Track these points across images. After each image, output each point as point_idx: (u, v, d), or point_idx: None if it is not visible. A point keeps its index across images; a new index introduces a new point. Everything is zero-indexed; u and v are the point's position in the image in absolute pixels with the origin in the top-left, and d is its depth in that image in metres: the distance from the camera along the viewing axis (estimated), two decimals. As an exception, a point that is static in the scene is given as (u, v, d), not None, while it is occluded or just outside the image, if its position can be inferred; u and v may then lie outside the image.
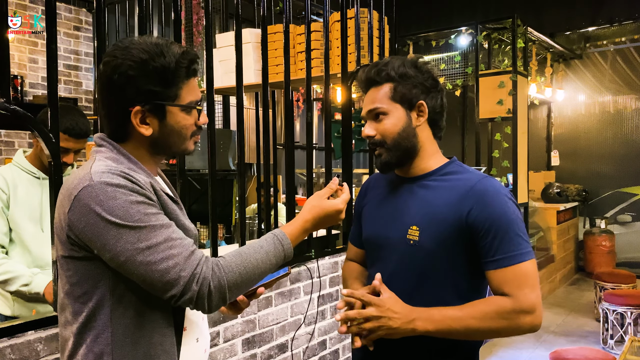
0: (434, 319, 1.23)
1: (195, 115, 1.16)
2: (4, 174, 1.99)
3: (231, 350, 2.22)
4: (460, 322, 1.22)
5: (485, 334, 1.26)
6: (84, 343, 1.07)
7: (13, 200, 1.96)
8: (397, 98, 1.33)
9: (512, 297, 1.21)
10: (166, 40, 1.13)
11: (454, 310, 1.24)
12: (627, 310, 4.04)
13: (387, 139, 1.34)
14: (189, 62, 1.12)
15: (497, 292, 1.24)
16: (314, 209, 1.22)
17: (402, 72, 1.33)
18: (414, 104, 1.34)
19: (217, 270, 1.05)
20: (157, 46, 1.09)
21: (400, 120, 1.34)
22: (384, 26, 3.07)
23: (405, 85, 1.33)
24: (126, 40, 1.12)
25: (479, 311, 1.22)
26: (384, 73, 1.34)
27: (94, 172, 1.04)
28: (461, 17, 6.42)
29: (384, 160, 1.36)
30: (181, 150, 1.18)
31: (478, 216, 1.25)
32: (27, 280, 1.87)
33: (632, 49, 6.68)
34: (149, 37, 1.13)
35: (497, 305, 1.22)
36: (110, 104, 1.11)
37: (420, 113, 1.35)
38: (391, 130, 1.33)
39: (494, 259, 1.24)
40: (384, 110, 1.34)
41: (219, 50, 3.21)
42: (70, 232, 1.04)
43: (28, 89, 4.46)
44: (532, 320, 1.21)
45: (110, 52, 1.10)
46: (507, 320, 1.21)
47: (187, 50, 1.13)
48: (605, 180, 6.85)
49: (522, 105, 5.06)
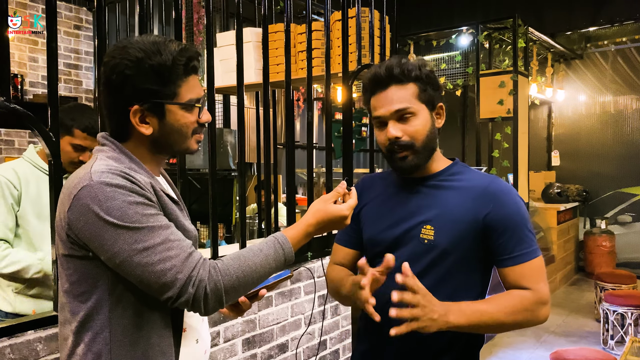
0: (466, 312, 1.23)
1: (197, 113, 1.14)
2: (17, 170, 1.96)
3: (231, 350, 2.21)
4: (490, 316, 1.24)
5: (510, 326, 1.29)
6: (83, 342, 1.07)
7: (25, 197, 1.95)
8: (424, 99, 1.31)
9: (533, 290, 1.27)
10: (165, 38, 1.12)
11: (481, 304, 1.27)
12: (628, 311, 4.03)
13: (417, 141, 1.30)
14: (187, 60, 1.10)
15: (514, 286, 1.29)
16: (318, 212, 1.19)
17: (427, 73, 1.32)
18: (435, 105, 1.34)
19: (214, 273, 1.04)
20: (154, 44, 1.08)
21: (427, 122, 1.32)
22: (385, 25, 3.06)
23: (431, 86, 1.32)
24: (125, 40, 1.12)
25: (505, 304, 1.26)
26: (412, 73, 1.29)
27: (94, 172, 1.03)
28: (462, 16, 6.42)
29: (412, 162, 1.31)
30: (183, 149, 1.16)
31: (495, 216, 1.28)
32: (38, 268, 1.90)
33: (633, 49, 6.67)
34: (148, 36, 1.12)
35: (520, 297, 1.27)
36: (110, 103, 1.11)
37: (438, 115, 1.36)
38: (422, 131, 1.30)
39: (511, 256, 1.28)
40: (413, 110, 1.29)
41: (219, 49, 3.20)
42: (69, 231, 1.04)
43: (28, 88, 4.46)
44: (546, 311, 1.29)
45: (110, 52, 1.10)
46: (529, 312, 1.26)
47: (186, 47, 1.11)
48: (606, 181, 6.84)
49: (523, 105, 5.06)
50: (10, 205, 1.92)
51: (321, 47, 2.81)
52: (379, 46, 3.03)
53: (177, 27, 2.02)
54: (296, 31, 2.95)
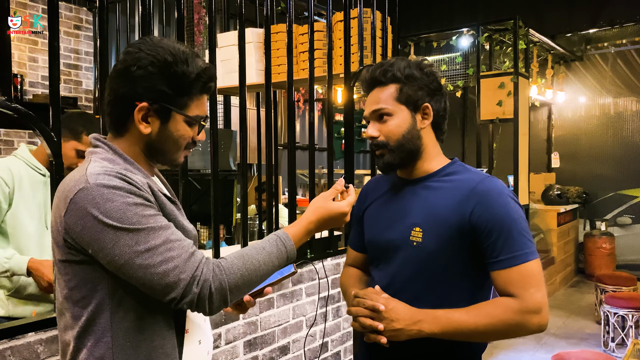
0: (440, 320, 1.22)
1: (195, 130, 1.16)
2: (11, 168, 1.94)
3: (233, 352, 2.20)
4: (466, 324, 1.21)
5: (492, 335, 1.25)
6: (85, 347, 1.05)
7: (17, 196, 1.92)
8: (403, 99, 1.32)
9: (518, 298, 1.20)
10: (193, 51, 1.13)
11: (460, 312, 1.23)
12: (629, 313, 4.03)
13: (391, 141, 1.33)
14: (207, 79, 1.13)
15: (503, 292, 1.23)
16: (318, 210, 1.21)
17: (408, 74, 1.32)
18: (419, 106, 1.34)
19: (218, 272, 1.03)
20: (184, 54, 1.09)
21: (405, 122, 1.32)
22: (387, 26, 3.05)
23: (411, 86, 1.32)
24: (155, 38, 1.12)
25: (485, 312, 1.21)
26: (390, 74, 1.32)
27: (90, 174, 1.02)
28: (462, 18, 6.42)
29: (386, 161, 1.35)
30: (172, 159, 1.16)
31: (481, 217, 1.24)
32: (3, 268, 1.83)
33: (633, 51, 6.68)
34: (178, 43, 1.13)
35: (503, 306, 1.21)
36: (119, 92, 1.09)
37: (425, 116, 1.35)
38: (395, 131, 1.32)
39: (498, 259, 1.23)
40: (388, 111, 1.32)
41: (220, 50, 3.19)
42: (67, 235, 1.03)
43: (28, 88, 4.44)
44: (539, 320, 1.20)
45: (137, 44, 1.10)
46: (514, 321, 1.20)
47: (210, 67, 1.14)
48: (606, 183, 6.85)
49: (523, 107, 5.06)
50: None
51: (323, 48, 2.80)
52: (381, 47, 3.02)
53: (179, 28, 2.01)
54: (298, 32, 2.94)
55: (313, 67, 2.68)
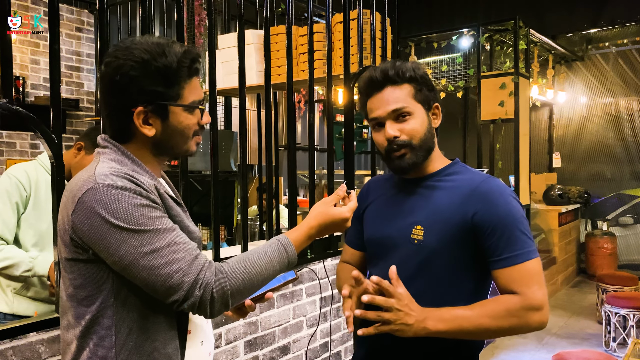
0: (445, 318, 1.22)
1: (198, 115, 1.15)
2: (29, 172, 1.96)
3: (233, 352, 2.21)
4: (470, 321, 1.22)
5: (495, 332, 1.26)
6: (87, 347, 1.06)
7: (33, 200, 1.94)
8: (420, 98, 1.33)
9: (521, 295, 1.22)
10: (167, 39, 1.12)
11: (463, 309, 1.24)
12: (630, 313, 4.03)
13: (415, 139, 1.32)
14: (190, 61, 1.11)
15: (505, 290, 1.25)
16: (319, 215, 1.21)
17: (422, 74, 1.34)
18: (432, 105, 1.36)
19: (220, 276, 1.04)
20: (158, 46, 1.08)
21: (424, 121, 1.34)
22: (386, 27, 3.06)
23: (426, 86, 1.34)
24: (127, 41, 1.11)
25: (489, 310, 1.23)
26: (408, 74, 1.32)
27: (98, 175, 1.03)
28: (463, 18, 6.42)
29: (410, 160, 1.32)
30: (183, 150, 1.16)
31: (484, 216, 1.25)
32: (28, 266, 1.87)
33: (634, 51, 6.67)
34: (150, 36, 1.12)
35: (506, 303, 1.22)
36: (113, 104, 1.10)
37: (434, 115, 1.37)
38: (419, 130, 1.32)
39: (500, 258, 1.24)
40: (409, 110, 1.31)
41: (220, 51, 3.20)
42: (73, 234, 1.03)
43: (29, 90, 4.45)
44: (541, 317, 1.22)
45: (112, 52, 1.09)
46: (516, 317, 1.22)
47: (189, 49, 1.12)
48: (607, 182, 6.84)
49: (524, 107, 5.06)
50: (15, 206, 1.91)
51: (323, 49, 2.81)
52: (381, 48, 3.02)
53: (179, 29, 2.02)
54: (298, 33, 2.95)
55: (313, 68, 2.69)
